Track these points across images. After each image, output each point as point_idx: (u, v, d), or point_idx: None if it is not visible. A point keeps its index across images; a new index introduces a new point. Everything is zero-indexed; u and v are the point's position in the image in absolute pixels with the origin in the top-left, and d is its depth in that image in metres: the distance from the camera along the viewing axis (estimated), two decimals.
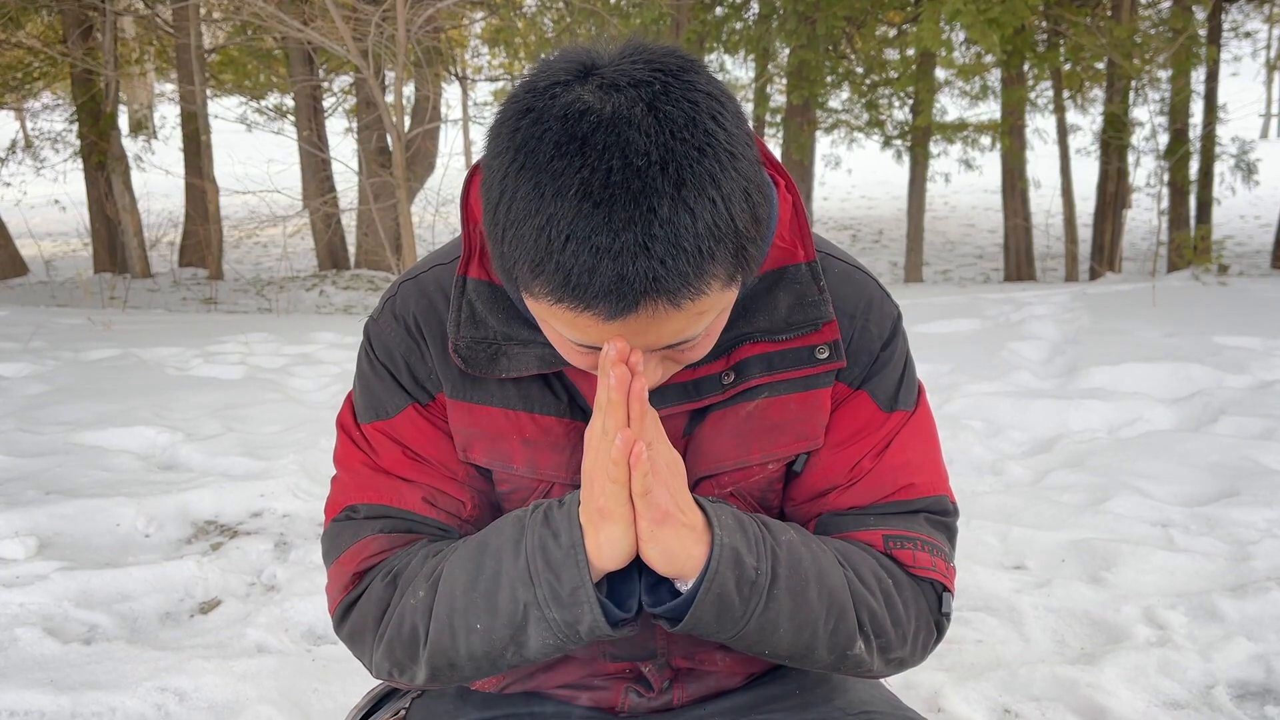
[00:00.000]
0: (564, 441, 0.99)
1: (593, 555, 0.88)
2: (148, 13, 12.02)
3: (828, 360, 0.99)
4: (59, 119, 13.11)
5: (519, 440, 0.99)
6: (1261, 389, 4.00)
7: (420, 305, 1.02)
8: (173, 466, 3.54)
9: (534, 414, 0.99)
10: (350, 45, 5.83)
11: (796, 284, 0.98)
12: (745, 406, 0.99)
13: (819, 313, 0.98)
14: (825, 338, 0.99)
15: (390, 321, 1.03)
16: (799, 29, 9.88)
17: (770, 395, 0.99)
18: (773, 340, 0.98)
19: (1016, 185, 10.86)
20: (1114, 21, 9.54)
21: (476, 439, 1.00)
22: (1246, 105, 15.20)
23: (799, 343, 0.98)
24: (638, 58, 0.81)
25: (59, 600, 2.43)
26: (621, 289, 0.77)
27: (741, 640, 0.93)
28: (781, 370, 0.98)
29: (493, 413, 0.99)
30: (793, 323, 0.98)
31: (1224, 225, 13.28)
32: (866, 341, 1.02)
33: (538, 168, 0.77)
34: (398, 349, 1.02)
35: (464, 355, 0.97)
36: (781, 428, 1.00)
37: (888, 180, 19.08)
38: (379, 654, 0.98)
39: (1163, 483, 3.17)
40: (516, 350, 0.97)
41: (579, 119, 0.77)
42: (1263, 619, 2.30)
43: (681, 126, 0.77)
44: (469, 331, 0.97)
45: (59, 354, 5.15)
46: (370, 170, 8.72)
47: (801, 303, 0.98)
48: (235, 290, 10.46)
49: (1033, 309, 5.92)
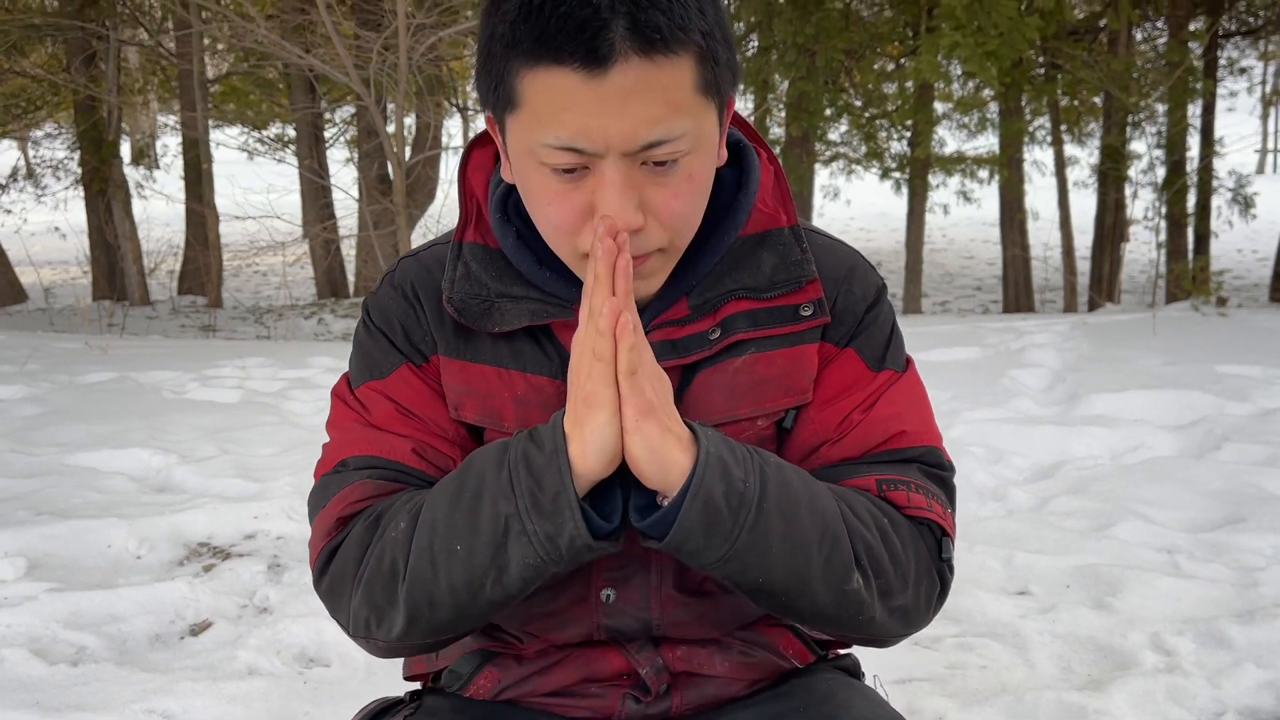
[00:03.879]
0: (555, 401, 0.99)
1: (576, 460, 0.86)
2: (151, 42, 12.11)
3: (812, 317, 1.01)
4: (61, 147, 13.16)
5: (510, 398, 1.00)
6: (1264, 416, 3.98)
7: (418, 275, 1.05)
8: (166, 488, 3.50)
9: (526, 373, 1.00)
10: (352, 73, 5.86)
11: (780, 245, 1.01)
12: (733, 363, 1.00)
13: (802, 271, 1.01)
14: (809, 296, 1.01)
15: (388, 290, 1.05)
16: (798, 61, 9.95)
17: (757, 351, 1.00)
18: (757, 298, 1.00)
19: (1015, 217, 10.89)
20: (1111, 55, 9.62)
21: (468, 396, 1.01)
22: (1243, 139, 15.28)
23: (783, 300, 1.00)
24: None
25: (47, 621, 2.39)
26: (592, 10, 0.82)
27: (734, 563, 0.89)
28: (767, 326, 1.00)
29: (485, 370, 1.01)
30: (777, 281, 1.00)
31: (1221, 258, 13.30)
32: (851, 303, 1.04)
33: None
34: (394, 313, 1.04)
35: (458, 306, 0.99)
36: (769, 382, 1.01)
37: (886, 212, 19.15)
38: (357, 599, 0.95)
39: (1167, 509, 3.14)
40: (508, 305, 0.99)
41: None
42: (1272, 645, 2.27)
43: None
44: (463, 287, 1.00)
45: (55, 377, 5.13)
46: (371, 198, 8.73)
47: (785, 262, 1.01)
48: (234, 318, 10.45)
49: (1033, 337, 5.91)
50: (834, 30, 9.96)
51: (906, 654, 2.34)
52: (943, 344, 5.77)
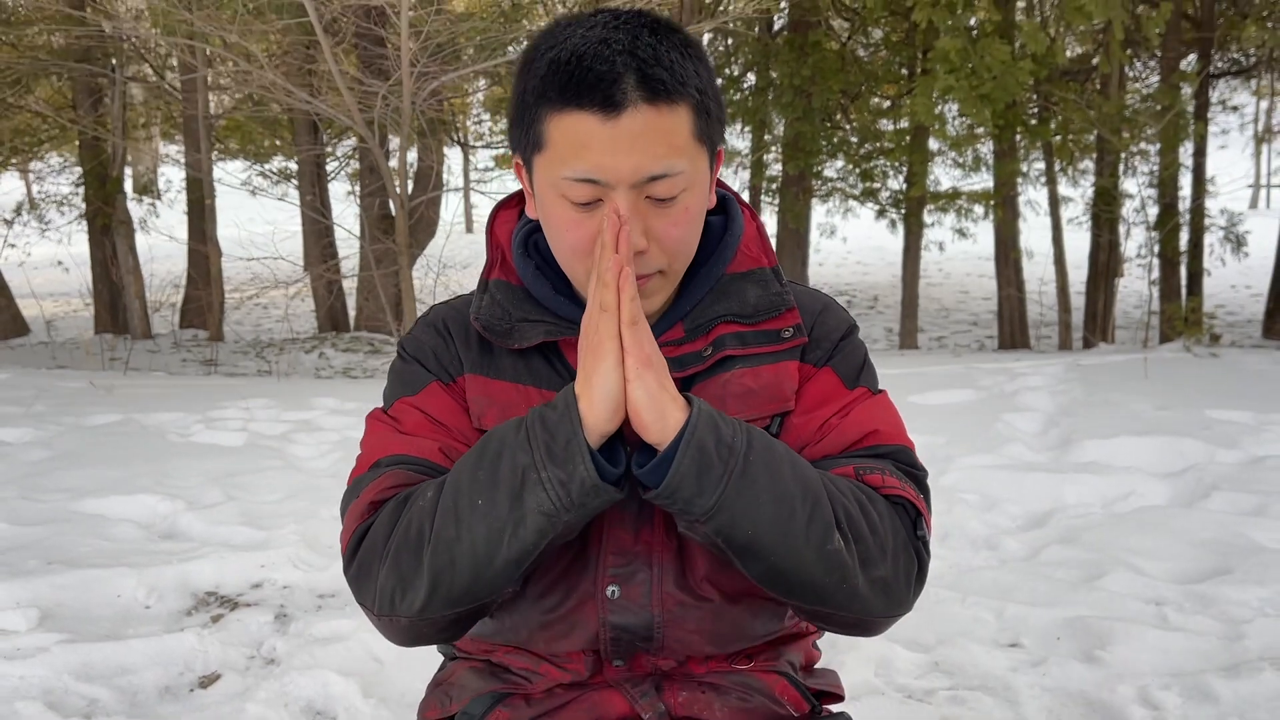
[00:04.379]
0: None
1: (585, 413, 0.99)
2: (157, 80, 12.25)
3: (792, 338, 1.16)
4: (65, 182, 13.28)
5: (527, 409, 1.08)
6: (1253, 464, 4.05)
7: (449, 313, 1.23)
8: (173, 535, 3.56)
9: (541, 388, 1.14)
10: (356, 116, 5.96)
11: (762, 280, 1.19)
12: (723, 376, 1.14)
13: (782, 301, 1.17)
14: (788, 321, 1.17)
15: (422, 327, 1.23)
16: (795, 101, 10.10)
17: (744, 366, 1.15)
18: (744, 322, 1.16)
19: (1010, 255, 11.00)
20: (1103, 97, 9.76)
21: (490, 407, 1.15)
22: (1235, 178, 15.45)
23: (766, 325, 1.16)
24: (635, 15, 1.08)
25: (59, 674, 2.44)
26: (609, 66, 1.00)
27: (724, 514, 0.99)
28: (753, 345, 1.15)
29: (506, 386, 1.16)
30: (760, 309, 1.16)
31: (1216, 295, 13.41)
32: (826, 331, 1.20)
33: (554, 33, 1.06)
34: (426, 343, 1.20)
35: (485, 325, 1.15)
36: (756, 392, 1.15)
37: (882, 246, 19.29)
38: (384, 571, 1.04)
39: (1156, 559, 3.20)
40: (526, 326, 1.15)
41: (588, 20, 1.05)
42: (1256, 700, 2.32)
43: (667, 31, 1.06)
44: (489, 311, 1.17)
45: (61, 419, 5.18)
46: (372, 236, 8.83)
47: (766, 294, 1.18)
48: (235, 352, 10.52)
49: (1026, 380, 5.98)
50: (830, 71, 10.12)
51: (899, 707, 2.40)
52: (938, 386, 5.84)
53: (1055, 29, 9.43)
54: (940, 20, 7.66)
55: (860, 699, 2.43)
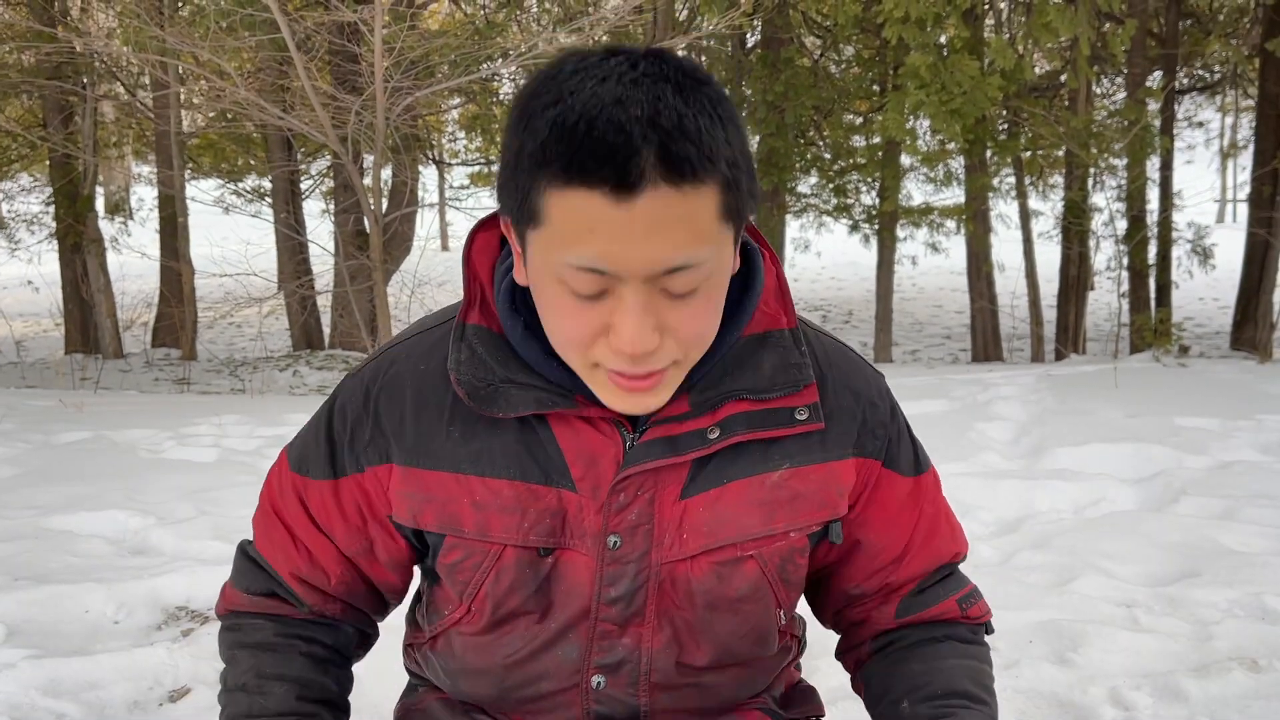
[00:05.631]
0: (513, 504, 1.02)
1: None
2: (129, 98, 12.19)
3: (806, 421, 1.03)
4: (35, 200, 13.16)
5: (469, 503, 1.03)
6: (1220, 469, 4.10)
7: (390, 381, 1.07)
8: (144, 551, 3.52)
9: (484, 477, 1.02)
10: (329, 133, 5.96)
11: (780, 347, 1.03)
12: (770, 476, 1.04)
13: (801, 375, 1.03)
14: (805, 400, 1.03)
15: (357, 389, 1.08)
16: (768, 118, 10.18)
17: (792, 465, 1.04)
18: (756, 399, 1.02)
19: (981, 269, 11.10)
20: (1071, 112, 9.89)
21: (426, 504, 1.04)
22: (1201, 192, 15.68)
23: (780, 403, 1.02)
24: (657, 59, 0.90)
25: (26, 689, 2.41)
26: (625, 138, 0.82)
27: None
28: (763, 429, 1.02)
29: (443, 477, 1.03)
30: (776, 383, 1.02)
31: (1184, 307, 13.58)
32: (878, 416, 1.10)
33: (557, 81, 0.87)
34: (350, 417, 1.08)
35: (467, 389, 1.00)
36: (804, 497, 1.05)
37: (856, 261, 19.41)
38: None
39: (1127, 563, 3.23)
40: (514, 391, 0.99)
41: (601, 59, 0.88)
42: (1226, 699, 2.34)
43: (692, 90, 0.87)
44: (469, 370, 1.00)
45: (30, 437, 5.13)
46: (347, 253, 8.81)
47: (784, 364, 1.03)
48: (208, 370, 10.44)
49: (999, 390, 6.04)
50: (803, 88, 10.21)
51: None
52: (912, 397, 5.88)
53: (1023, 45, 9.56)
54: (910, 37, 7.75)
55: (837, 704, 2.42)
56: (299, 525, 1.12)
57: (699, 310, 0.91)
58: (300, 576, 1.12)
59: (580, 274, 0.87)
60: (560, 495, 1.02)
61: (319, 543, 1.11)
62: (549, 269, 0.89)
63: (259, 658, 1.12)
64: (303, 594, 1.13)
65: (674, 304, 0.90)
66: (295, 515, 1.11)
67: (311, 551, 1.12)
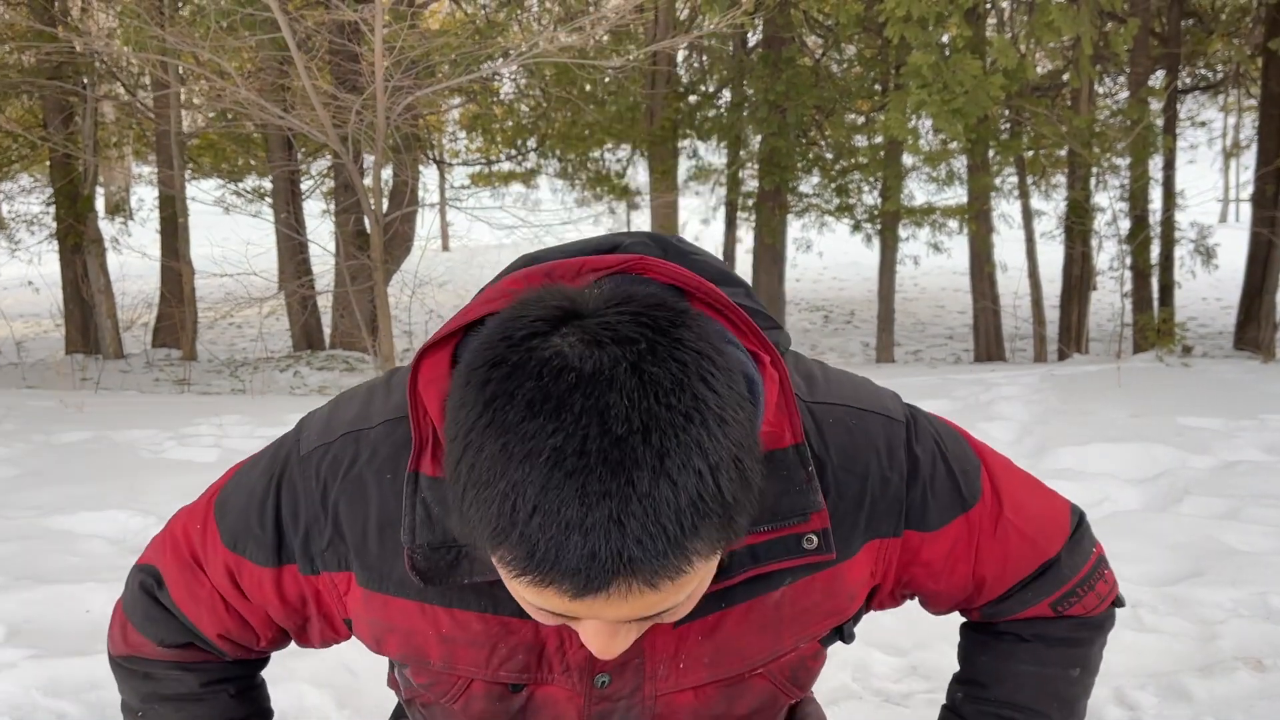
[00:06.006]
0: (482, 638, 0.94)
1: None
2: (129, 98, 12.19)
3: (815, 550, 0.91)
4: (35, 201, 13.16)
5: (435, 636, 0.94)
6: (1224, 469, 4.09)
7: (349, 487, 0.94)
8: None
9: (451, 609, 0.92)
10: (330, 132, 5.95)
11: (784, 470, 0.90)
12: (772, 596, 0.94)
13: (807, 501, 0.91)
14: (813, 526, 0.91)
15: (312, 478, 0.95)
16: (770, 117, 10.17)
17: (794, 580, 0.94)
18: (759, 530, 0.90)
19: (984, 269, 11.10)
20: (1073, 112, 9.88)
21: (390, 633, 0.95)
22: (1204, 192, 15.68)
23: (786, 531, 0.91)
24: (624, 309, 0.74)
25: (27, 689, 2.40)
26: (591, 569, 0.69)
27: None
28: (768, 561, 0.91)
29: (407, 606, 0.93)
30: (780, 512, 0.90)
31: (1187, 307, 13.56)
32: (890, 492, 0.96)
33: (506, 428, 0.70)
34: (303, 515, 0.95)
35: (421, 569, 0.88)
36: (810, 610, 0.97)
37: (858, 261, 19.40)
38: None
39: (1131, 563, 3.21)
40: (479, 554, 0.86)
41: (555, 377, 0.70)
42: (1230, 700, 2.33)
43: (668, 391, 0.70)
44: (425, 537, 0.87)
45: (31, 437, 5.12)
46: (347, 253, 8.80)
47: (789, 491, 0.90)
48: (209, 371, 10.44)
49: (1001, 390, 6.03)
50: (804, 87, 10.21)
51: (877, 710, 2.39)
52: (914, 397, 5.81)
53: (1026, 45, 9.55)
54: (912, 36, 7.74)
55: (838, 703, 2.42)
56: (229, 593, 1.01)
57: (684, 609, 0.81)
58: (229, 638, 1.05)
59: (539, 613, 0.80)
60: (537, 629, 0.92)
61: (252, 611, 1.02)
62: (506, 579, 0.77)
63: (186, 710, 1.08)
64: (228, 650, 1.07)
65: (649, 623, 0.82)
66: (224, 586, 1.00)
67: (244, 616, 1.03)
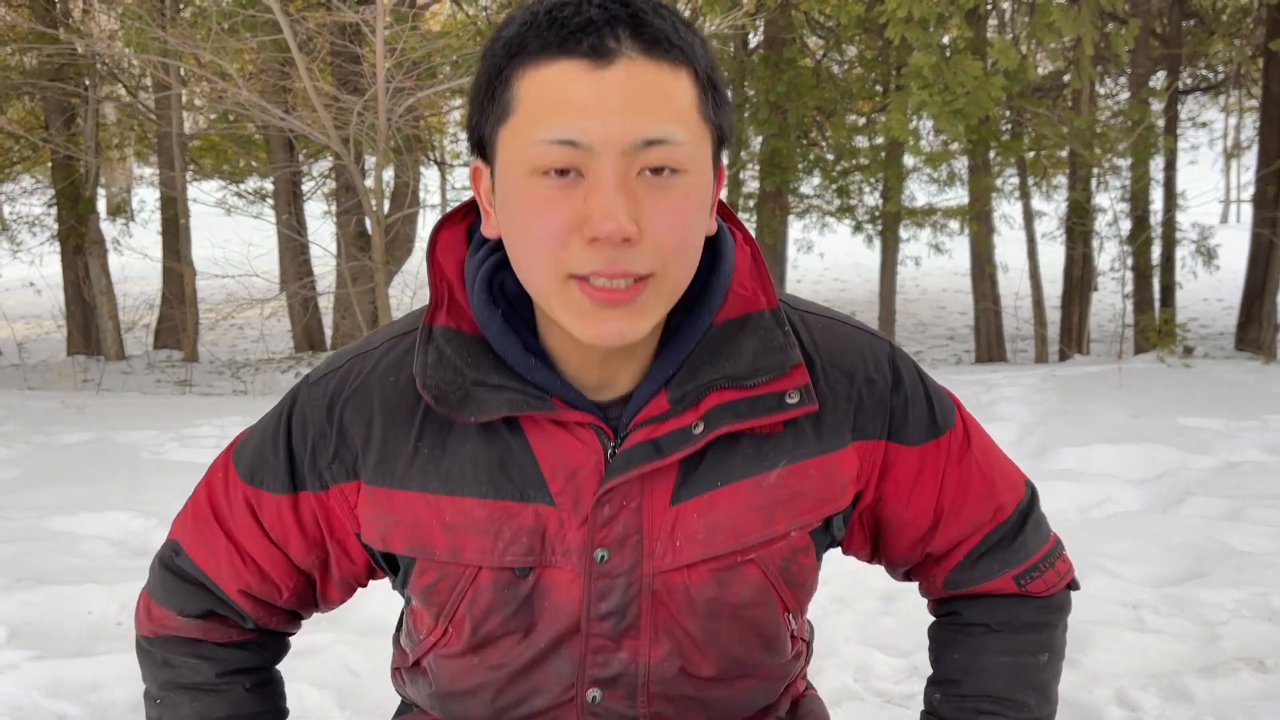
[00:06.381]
0: (485, 524, 0.96)
1: None
2: (130, 100, 12.20)
3: (798, 405, 0.95)
4: (37, 203, 13.17)
5: (439, 525, 0.97)
6: (1226, 470, 4.08)
7: (356, 395, 1.00)
8: (146, 552, 3.51)
9: (454, 496, 0.96)
10: (331, 134, 5.96)
11: (761, 329, 0.96)
12: (767, 476, 0.97)
13: (785, 356, 0.95)
14: (794, 382, 0.95)
15: (319, 398, 1.01)
16: (771, 119, 10.16)
17: (789, 463, 0.97)
18: (739, 386, 0.94)
19: (985, 269, 11.09)
20: (1074, 112, 9.88)
21: (395, 527, 0.98)
22: (1205, 193, 15.67)
23: (767, 388, 0.95)
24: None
25: (28, 690, 2.40)
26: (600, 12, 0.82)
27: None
28: (751, 417, 0.94)
29: (410, 498, 0.97)
30: (759, 367, 0.94)
31: (1189, 308, 13.56)
32: (878, 391, 1.01)
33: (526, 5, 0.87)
34: (312, 430, 1.00)
35: (434, 394, 0.93)
36: (803, 494, 0.99)
37: (859, 262, 19.41)
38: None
39: (1132, 564, 3.21)
40: (485, 394, 0.93)
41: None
42: (1232, 700, 2.33)
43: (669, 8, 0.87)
44: (437, 373, 0.94)
45: (31, 438, 5.12)
46: (349, 254, 8.81)
47: (767, 347, 0.95)
48: (210, 372, 10.44)
49: (1002, 391, 6.02)
50: (805, 88, 10.20)
51: (879, 712, 2.39)
52: None
53: (1026, 46, 9.55)
54: (913, 37, 7.73)
55: (840, 704, 2.42)
56: (248, 538, 1.04)
57: (678, 206, 0.85)
58: (249, 593, 1.06)
59: (552, 148, 0.83)
60: (537, 511, 0.95)
61: (271, 556, 1.04)
62: (521, 164, 0.85)
63: (201, 701, 1.08)
64: (250, 610, 1.07)
65: (651, 194, 0.84)
66: (245, 528, 1.04)
67: (262, 566, 1.05)
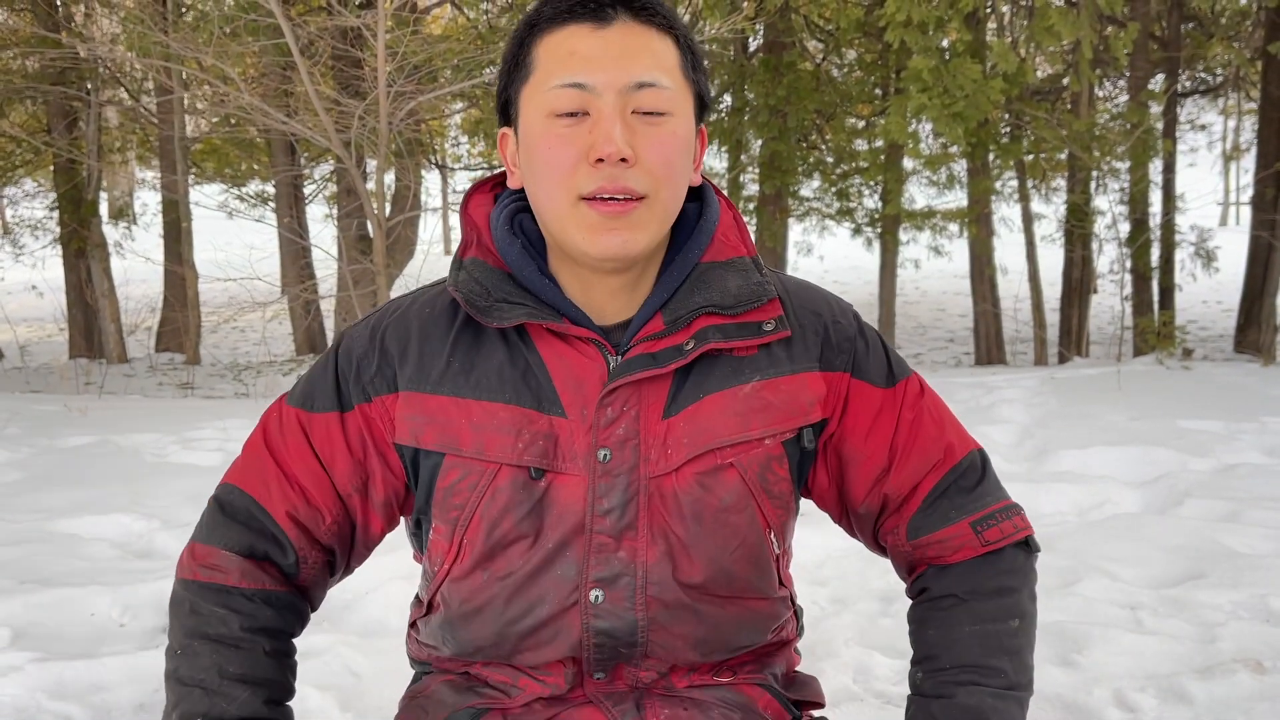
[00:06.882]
0: (509, 425, 1.11)
1: None
2: (132, 104, 12.22)
3: (773, 331, 1.13)
4: (40, 206, 13.19)
5: (467, 424, 1.11)
6: (1224, 471, 4.10)
7: (395, 323, 1.17)
8: (149, 554, 3.53)
9: (482, 400, 1.11)
10: (333, 137, 5.97)
11: (742, 269, 1.15)
12: (743, 388, 1.12)
13: (763, 290, 1.14)
14: (770, 313, 1.14)
15: (362, 330, 1.18)
16: (770, 122, 10.17)
17: (762, 378, 1.13)
18: (724, 314, 1.12)
19: (984, 272, 11.10)
20: (1073, 115, 9.89)
21: (428, 425, 1.12)
22: (1204, 195, 15.68)
23: (747, 317, 1.13)
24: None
25: (32, 692, 2.41)
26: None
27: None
28: (735, 339, 1.12)
29: (443, 401, 1.12)
30: (741, 299, 1.13)
31: (1188, 310, 13.57)
32: (843, 330, 1.19)
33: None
34: (356, 352, 1.16)
35: (466, 297, 1.11)
36: (776, 405, 1.13)
37: (859, 265, 19.44)
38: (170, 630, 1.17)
39: (1131, 565, 3.23)
40: (506, 307, 1.11)
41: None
42: (1230, 701, 2.34)
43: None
44: (468, 286, 1.12)
45: (35, 441, 5.14)
46: (350, 257, 8.82)
47: (747, 284, 1.14)
48: (212, 375, 10.45)
49: (1002, 393, 6.03)
50: (805, 91, 10.21)
51: (878, 712, 2.40)
52: None
53: (1025, 49, 9.57)
54: (913, 40, 7.75)
55: (839, 705, 2.43)
56: (297, 461, 1.15)
57: (666, 141, 1.06)
58: (295, 517, 1.15)
59: (564, 92, 1.04)
60: (552, 421, 1.10)
61: (317, 479, 1.15)
62: (539, 109, 1.06)
63: (221, 654, 1.12)
64: (294, 538, 1.15)
65: (644, 128, 1.05)
66: (296, 450, 1.15)
67: (307, 490, 1.15)
